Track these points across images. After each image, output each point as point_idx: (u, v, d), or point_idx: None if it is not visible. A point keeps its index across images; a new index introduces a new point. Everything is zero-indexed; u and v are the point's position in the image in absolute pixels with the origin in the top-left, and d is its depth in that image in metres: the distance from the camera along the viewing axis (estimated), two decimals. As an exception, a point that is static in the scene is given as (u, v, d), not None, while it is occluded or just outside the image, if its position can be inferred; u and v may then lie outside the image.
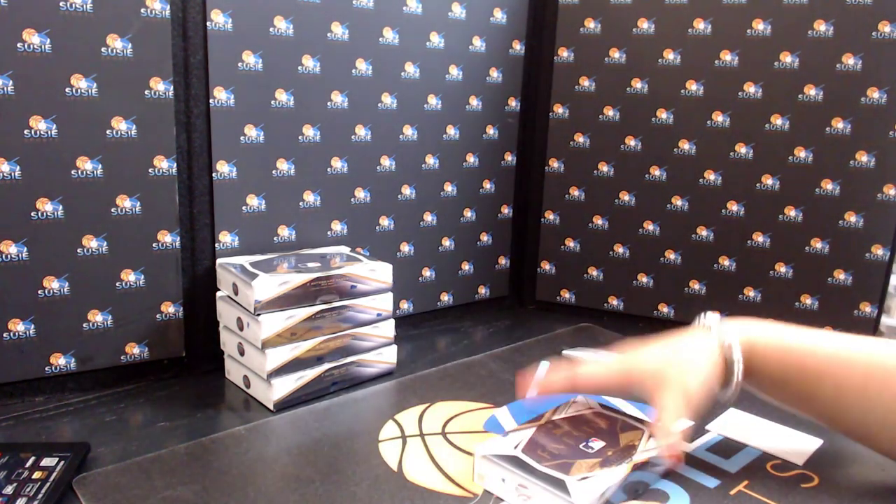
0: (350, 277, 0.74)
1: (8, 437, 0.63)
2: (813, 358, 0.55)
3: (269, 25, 0.76)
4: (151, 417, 0.68)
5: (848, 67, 0.85)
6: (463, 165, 0.97)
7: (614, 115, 0.97)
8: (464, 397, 0.73)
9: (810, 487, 0.58)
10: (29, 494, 0.52)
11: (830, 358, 0.55)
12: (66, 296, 0.70)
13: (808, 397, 0.56)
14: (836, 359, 0.54)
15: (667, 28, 0.92)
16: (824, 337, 0.56)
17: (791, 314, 0.92)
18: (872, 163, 0.86)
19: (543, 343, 0.90)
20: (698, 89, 0.92)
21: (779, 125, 0.89)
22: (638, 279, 1.00)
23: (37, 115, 0.66)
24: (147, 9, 0.69)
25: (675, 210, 0.96)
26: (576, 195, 1.01)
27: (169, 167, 0.73)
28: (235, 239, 0.79)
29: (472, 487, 0.57)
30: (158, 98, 0.72)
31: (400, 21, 0.86)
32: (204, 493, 0.55)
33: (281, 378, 0.70)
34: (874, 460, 0.63)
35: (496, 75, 0.97)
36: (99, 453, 0.61)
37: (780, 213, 0.91)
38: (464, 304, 1.02)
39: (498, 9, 0.95)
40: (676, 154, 0.94)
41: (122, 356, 0.74)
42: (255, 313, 0.68)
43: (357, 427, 0.66)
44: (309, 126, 0.81)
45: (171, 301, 0.76)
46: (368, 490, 0.56)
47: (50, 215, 0.68)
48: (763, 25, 0.88)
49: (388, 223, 0.91)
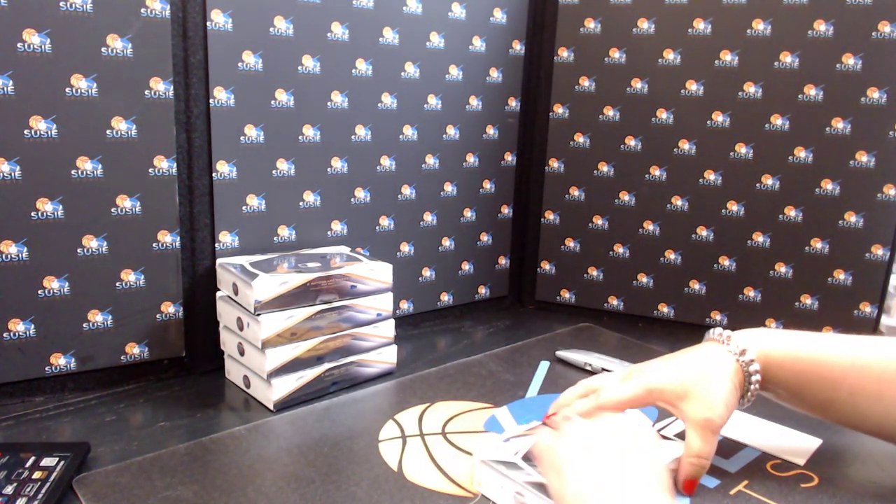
0: (350, 277, 0.74)
1: (8, 437, 0.63)
2: (827, 366, 0.55)
3: (269, 25, 0.76)
4: (151, 417, 0.68)
5: (848, 67, 0.85)
6: (463, 165, 0.97)
7: (614, 115, 0.97)
8: (464, 397, 0.73)
9: (810, 487, 0.58)
10: (29, 494, 0.52)
11: (844, 365, 0.55)
12: (66, 296, 0.70)
13: (824, 405, 0.57)
14: (850, 366, 0.55)
15: (667, 28, 0.92)
16: (837, 343, 0.57)
17: (791, 314, 0.92)
18: (872, 163, 0.86)
19: (543, 343, 0.90)
20: (698, 89, 0.92)
21: (779, 125, 0.89)
22: (638, 279, 1.00)
23: (37, 115, 0.66)
24: (147, 9, 0.69)
25: (675, 210, 0.96)
26: (576, 195, 1.01)
27: (169, 167, 0.73)
28: (235, 239, 0.79)
29: (471, 487, 0.57)
30: (158, 98, 0.72)
31: (400, 21, 0.86)
32: (204, 493, 0.55)
33: (281, 378, 0.70)
34: (874, 460, 0.63)
35: (496, 75, 0.97)
36: (99, 453, 0.61)
37: (780, 213, 0.91)
38: (464, 304, 1.02)
39: (498, 9, 0.95)
40: (676, 154, 0.94)
41: (122, 356, 0.74)
42: (255, 313, 0.68)
43: (357, 427, 0.66)
44: (309, 126, 0.81)
45: (171, 301, 0.76)
46: (368, 490, 0.56)
47: (50, 215, 0.68)
48: (763, 25, 0.88)
49: (388, 223, 0.91)
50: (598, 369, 0.80)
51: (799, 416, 0.70)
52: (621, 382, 0.58)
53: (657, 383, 0.56)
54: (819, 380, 0.56)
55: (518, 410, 0.71)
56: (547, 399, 0.73)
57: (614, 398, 0.57)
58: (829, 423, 0.59)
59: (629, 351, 0.88)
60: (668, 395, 0.55)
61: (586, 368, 0.82)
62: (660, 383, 0.56)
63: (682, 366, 0.57)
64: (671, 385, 0.55)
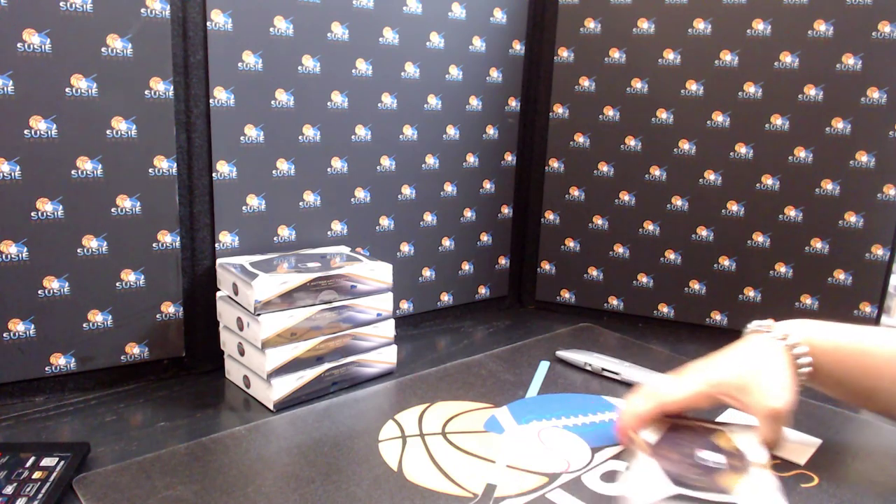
0: (350, 277, 0.74)
1: (8, 437, 0.63)
2: (872, 357, 0.56)
3: (269, 25, 0.76)
4: (151, 417, 0.68)
5: (848, 67, 0.85)
6: (463, 165, 0.97)
7: (614, 115, 0.97)
8: (464, 397, 0.73)
9: (810, 487, 0.58)
10: (29, 494, 0.52)
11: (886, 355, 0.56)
12: (66, 296, 0.70)
13: (868, 393, 0.58)
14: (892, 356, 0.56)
15: (667, 28, 0.92)
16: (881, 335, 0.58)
17: (791, 314, 0.91)
18: (872, 163, 0.86)
19: (543, 343, 0.90)
20: (698, 89, 0.92)
21: (779, 125, 0.89)
22: (638, 279, 1.00)
23: (37, 115, 0.66)
24: (147, 9, 0.69)
25: (675, 210, 0.96)
26: (576, 195, 1.01)
27: (169, 167, 0.73)
28: (235, 239, 0.79)
29: (471, 487, 0.57)
30: (158, 98, 0.72)
31: (400, 21, 0.86)
32: (204, 493, 0.55)
33: (281, 378, 0.70)
34: (874, 460, 0.63)
35: (496, 75, 0.97)
36: (99, 453, 0.61)
37: (780, 213, 0.91)
38: (464, 304, 1.02)
39: (498, 9, 0.95)
40: (676, 154, 0.94)
41: (122, 356, 0.74)
42: (255, 313, 0.68)
43: (357, 427, 0.66)
44: (309, 126, 0.81)
45: (171, 301, 0.76)
46: (368, 490, 0.56)
47: (50, 215, 0.68)
48: (763, 25, 0.88)
49: (388, 223, 0.91)
50: (598, 369, 0.80)
51: (799, 416, 0.70)
52: (678, 381, 0.58)
53: (717, 378, 0.56)
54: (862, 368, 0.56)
55: (518, 410, 0.71)
56: (547, 399, 0.73)
57: (675, 396, 0.57)
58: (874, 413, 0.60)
59: (629, 351, 0.88)
60: (729, 388, 0.55)
61: (586, 368, 0.81)
62: (719, 378, 0.56)
63: (736, 359, 0.57)
64: (731, 378, 0.56)
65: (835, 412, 0.72)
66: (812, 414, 0.71)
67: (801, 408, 0.72)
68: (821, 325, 0.59)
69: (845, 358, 0.57)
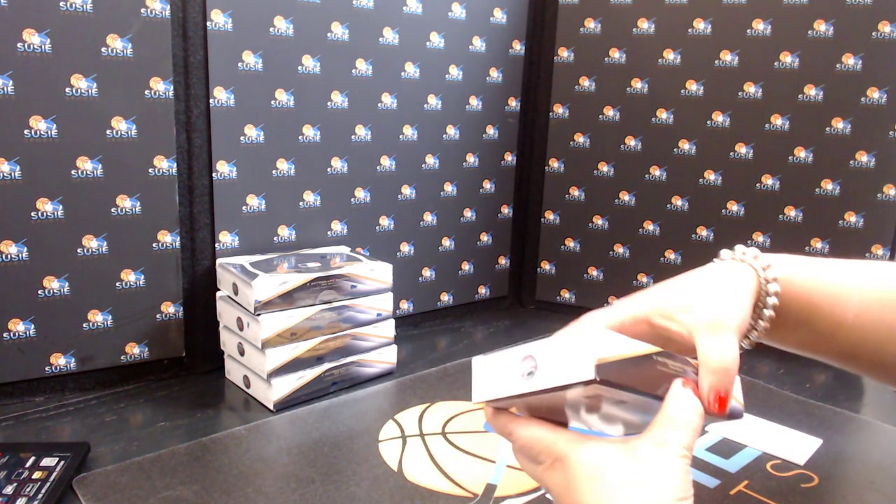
0: (350, 277, 0.74)
1: (8, 437, 0.63)
2: (837, 286, 0.49)
3: (269, 25, 0.76)
4: (151, 417, 0.68)
5: (848, 67, 0.85)
6: (463, 165, 0.97)
7: (614, 115, 0.97)
8: (464, 397, 0.73)
9: (810, 487, 0.58)
10: (29, 494, 0.52)
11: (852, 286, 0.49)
12: (66, 296, 0.70)
13: (832, 329, 0.49)
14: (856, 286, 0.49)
15: (667, 28, 0.92)
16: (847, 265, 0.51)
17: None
18: (872, 163, 0.86)
19: (543, 343, 0.90)
20: (698, 89, 0.92)
21: (779, 125, 0.89)
22: (638, 279, 1.00)
23: (37, 115, 0.66)
24: (147, 9, 0.69)
25: (675, 210, 0.96)
26: (576, 195, 1.01)
27: (169, 167, 0.73)
28: (235, 239, 0.79)
29: (471, 487, 0.57)
30: (158, 98, 0.72)
31: (400, 21, 0.86)
32: (204, 493, 0.55)
33: (281, 378, 0.70)
34: (874, 460, 0.63)
35: (496, 75, 0.97)
36: (99, 453, 0.61)
37: (780, 213, 0.91)
38: (464, 304, 1.02)
39: (498, 9, 0.95)
40: (676, 154, 0.94)
41: (122, 356, 0.74)
42: (255, 313, 0.68)
43: (357, 427, 0.66)
44: (309, 126, 0.81)
45: (171, 301, 0.76)
46: (368, 490, 0.56)
47: (50, 215, 0.68)
48: (763, 25, 0.88)
49: (388, 223, 0.91)
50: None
51: (799, 416, 0.70)
52: (616, 305, 0.48)
53: (660, 300, 0.46)
54: (829, 300, 0.49)
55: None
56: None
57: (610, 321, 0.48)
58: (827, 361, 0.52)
59: (629, 351, 0.88)
60: (671, 310, 0.45)
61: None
62: (662, 299, 0.46)
63: (689, 279, 0.47)
64: (674, 297, 0.45)
65: (835, 412, 0.72)
66: (812, 414, 0.71)
67: (802, 408, 0.73)
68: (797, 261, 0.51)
69: (812, 288, 0.49)
